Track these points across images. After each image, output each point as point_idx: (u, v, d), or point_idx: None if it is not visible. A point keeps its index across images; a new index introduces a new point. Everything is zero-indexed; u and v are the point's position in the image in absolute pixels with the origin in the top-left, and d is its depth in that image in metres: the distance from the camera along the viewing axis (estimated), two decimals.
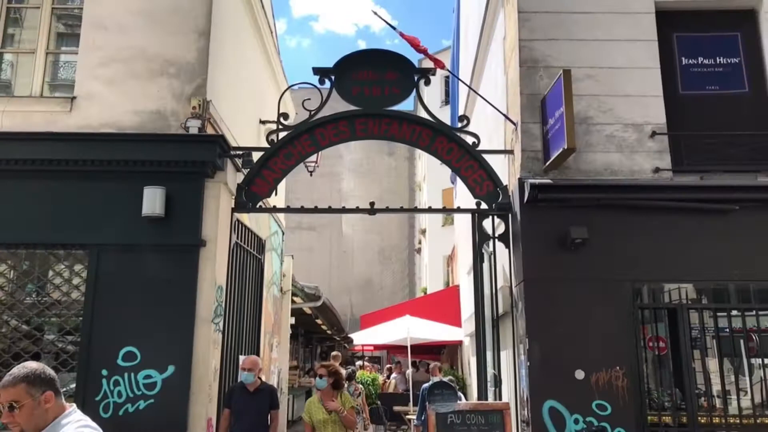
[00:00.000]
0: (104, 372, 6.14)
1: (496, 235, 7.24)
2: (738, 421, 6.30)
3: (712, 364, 6.69)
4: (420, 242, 32.36)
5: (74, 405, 2.64)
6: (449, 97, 21.01)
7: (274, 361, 10.93)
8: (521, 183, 6.67)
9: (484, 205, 7.23)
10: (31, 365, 2.51)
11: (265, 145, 7.30)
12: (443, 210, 12.99)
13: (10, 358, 6.33)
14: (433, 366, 11.20)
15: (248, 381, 6.18)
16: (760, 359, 6.57)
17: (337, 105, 7.22)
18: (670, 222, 6.52)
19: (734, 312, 6.56)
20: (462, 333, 13.98)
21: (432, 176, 26.38)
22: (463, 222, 12.65)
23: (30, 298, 6.62)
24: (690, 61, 7.10)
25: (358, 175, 35.49)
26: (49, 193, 6.53)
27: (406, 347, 13.31)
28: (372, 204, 7.48)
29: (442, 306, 15.40)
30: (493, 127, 8.68)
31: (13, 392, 2.40)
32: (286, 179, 6.86)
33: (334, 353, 19.52)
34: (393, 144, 36.47)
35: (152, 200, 6.37)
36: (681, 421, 6.31)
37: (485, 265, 7.34)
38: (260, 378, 6.40)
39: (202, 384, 6.26)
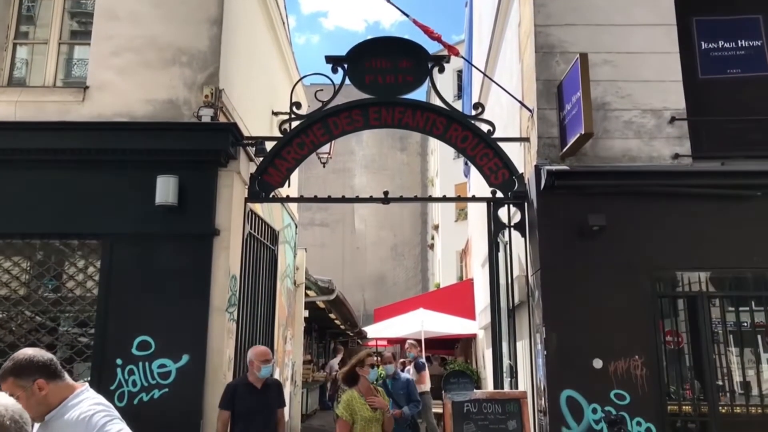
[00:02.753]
0: (119, 361, 6.13)
1: (512, 224, 7.15)
2: (759, 410, 6.18)
3: (733, 353, 6.57)
4: (433, 238, 32.28)
5: (86, 384, 2.59)
6: (462, 92, 20.89)
7: (288, 354, 10.91)
8: (537, 170, 6.57)
9: (499, 194, 7.14)
10: (19, 355, 2.44)
11: (278, 135, 7.26)
12: (458, 199, 12.91)
13: (26, 347, 6.32)
14: (409, 344, 11.06)
15: (266, 375, 5.58)
16: None
17: (351, 97, 7.16)
18: (690, 209, 6.40)
19: (756, 300, 6.43)
20: (476, 326, 13.90)
21: (445, 171, 26.28)
22: (477, 215, 12.56)
23: (44, 288, 6.62)
24: (710, 44, 6.96)
25: (370, 171, 35.45)
26: (63, 183, 6.53)
27: (420, 341, 13.25)
28: (386, 193, 7.41)
29: (456, 299, 15.32)
30: (508, 117, 8.59)
31: (4, 387, 2.35)
32: (299, 176, 6.88)
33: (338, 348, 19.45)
34: (405, 140, 36.45)
35: (165, 189, 6.34)
36: (701, 410, 6.20)
37: (500, 255, 7.25)
38: None
39: (216, 373, 6.23)
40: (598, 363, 6.10)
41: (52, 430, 2.45)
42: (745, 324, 6.49)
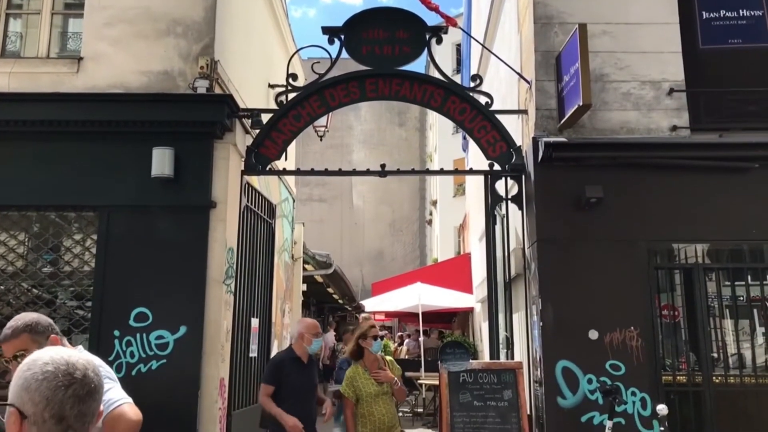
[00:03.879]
0: (116, 333, 6.16)
1: (509, 196, 7.14)
2: (753, 380, 6.24)
3: (728, 324, 6.61)
4: (431, 213, 32.30)
5: (80, 346, 2.62)
6: (460, 66, 20.72)
7: (286, 327, 10.97)
8: (535, 142, 6.54)
9: (497, 167, 7.11)
10: (29, 315, 2.49)
11: (274, 107, 7.21)
12: (455, 172, 12.89)
13: None
14: (362, 318, 11.26)
15: (316, 349, 5.22)
16: None
17: (347, 71, 7.10)
18: (688, 181, 6.39)
19: (752, 273, 6.46)
20: (473, 299, 13.97)
21: (443, 147, 26.20)
22: (475, 189, 12.55)
23: (42, 261, 6.63)
24: (711, 14, 6.88)
25: (368, 146, 35.33)
26: (58, 155, 6.50)
27: (417, 315, 13.32)
28: (383, 166, 7.39)
29: (454, 274, 15.38)
30: (507, 90, 8.53)
31: (18, 343, 2.39)
32: (296, 151, 6.84)
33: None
34: (404, 114, 36.27)
35: (161, 161, 6.31)
36: (695, 380, 6.26)
37: (498, 228, 7.26)
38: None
39: (214, 344, 6.26)
40: (593, 334, 6.14)
41: None
42: (741, 298, 6.52)
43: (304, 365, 5.16)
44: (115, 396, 2.34)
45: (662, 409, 4.53)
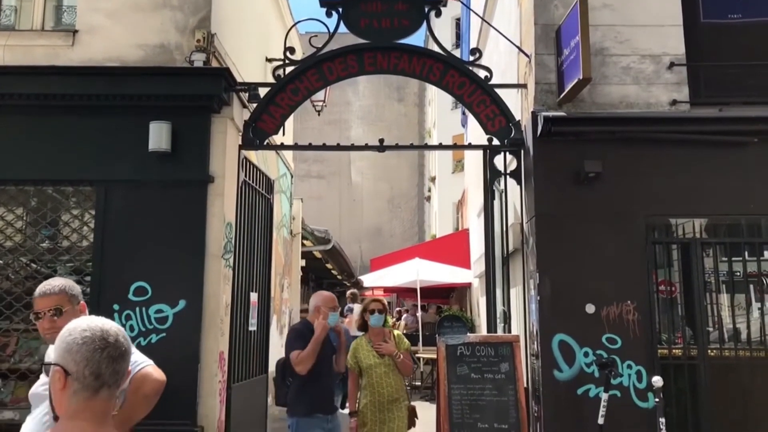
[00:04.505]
0: (116, 307, 6.17)
1: (508, 171, 7.13)
2: (748, 354, 6.30)
3: (724, 299, 6.65)
4: (430, 190, 32.28)
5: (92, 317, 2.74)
6: (459, 40, 20.55)
7: (285, 302, 11.04)
8: (534, 116, 6.51)
9: (496, 141, 7.09)
10: (62, 279, 2.71)
11: (272, 81, 7.15)
12: (454, 147, 12.87)
13: (23, 293, 6.38)
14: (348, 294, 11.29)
15: (333, 322, 5.05)
16: None
17: (345, 45, 7.04)
18: (687, 155, 6.38)
19: (749, 248, 6.48)
20: (471, 275, 14.04)
21: (442, 123, 26.09)
22: (474, 165, 12.53)
23: (40, 235, 6.63)
24: None
25: (366, 122, 35.17)
26: (55, 129, 6.46)
27: (416, 291, 13.38)
28: (381, 141, 7.37)
29: (452, 249, 15.43)
30: (506, 65, 8.47)
31: (57, 299, 2.59)
32: (294, 127, 6.81)
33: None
34: (402, 90, 36.04)
35: (158, 135, 6.28)
36: (690, 354, 6.31)
37: (496, 203, 7.26)
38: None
39: (213, 318, 6.30)
40: (590, 308, 6.18)
41: None
42: (738, 273, 6.56)
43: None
44: (140, 359, 2.56)
45: (657, 380, 4.58)
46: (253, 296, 7.68)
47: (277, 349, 8.53)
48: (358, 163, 35.61)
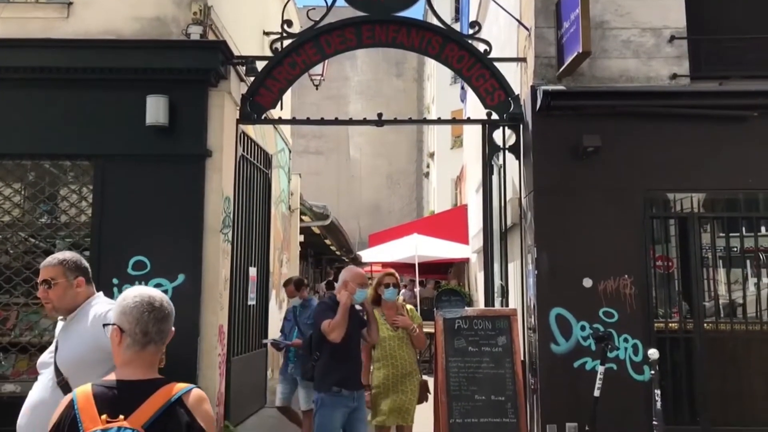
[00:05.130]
0: (115, 281, 6.19)
1: (507, 146, 7.11)
2: (744, 327, 6.35)
3: (721, 274, 6.69)
4: (428, 166, 32.20)
5: (101, 292, 2.88)
6: (459, 14, 20.33)
7: (284, 277, 11.06)
8: (534, 91, 6.47)
9: (495, 116, 7.06)
10: (66, 253, 2.83)
11: (269, 55, 7.09)
12: (453, 121, 12.83)
13: (22, 267, 6.39)
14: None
15: (362, 299, 4.84)
16: None
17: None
18: (686, 130, 6.36)
19: (747, 223, 6.50)
20: (469, 250, 14.07)
21: (441, 98, 25.92)
22: (473, 140, 12.48)
23: (39, 210, 6.63)
24: None
25: (365, 98, 34.96)
26: (51, 103, 6.42)
27: (414, 266, 13.41)
28: (380, 115, 7.34)
29: (450, 225, 15.44)
30: (506, 38, 8.38)
31: (51, 271, 2.71)
32: (292, 102, 6.75)
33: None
34: (401, 65, 35.76)
35: (156, 109, 6.25)
36: (686, 328, 6.36)
37: (495, 178, 7.26)
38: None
39: (212, 293, 6.32)
40: (587, 282, 6.21)
41: (71, 330, 2.72)
42: (735, 249, 6.59)
43: (350, 313, 4.69)
44: None
45: (653, 353, 4.63)
46: (252, 271, 7.71)
47: (276, 324, 8.59)
48: (357, 139, 35.47)
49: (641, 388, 5.98)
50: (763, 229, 6.64)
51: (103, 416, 1.76)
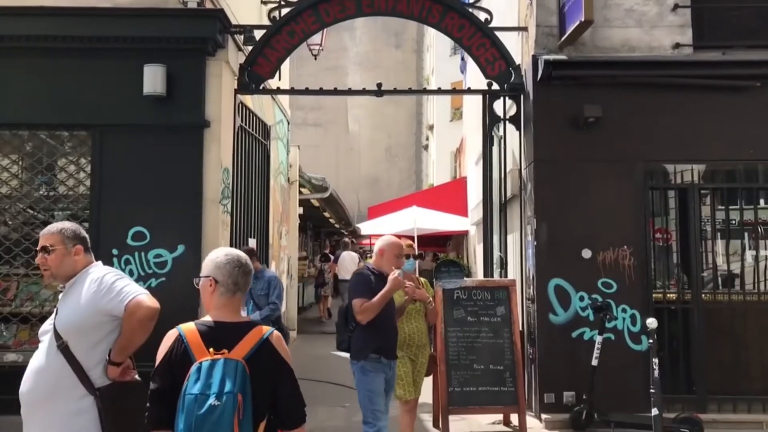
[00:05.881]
0: (115, 251, 6.19)
1: (507, 117, 7.07)
2: (741, 298, 6.38)
3: (719, 246, 6.70)
4: (427, 139, 32.06)
5: (99, 262, 2.92)
6: None
7: (283, 249, 11.09)
8: (535, 60, 6.41)
9: (495, 86, 7.00)
10: (67, 222, 2.89)
11: (267, 23, 7.00)
12: (453, 91, 12.77)
13: (21, 238, 6.39)
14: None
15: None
16: None
17: None
18: (688, 100, 6.32)
19: (746, 194, 6.49)
20: (468, 223, 14.09)
21: (440, 70, 25.68)
22: (473, 112, 12.40)
23: (37, 180, 6.60)
24: None
25: (364, 69, 34.61)
26: (47, 72, 6.34)
27: (413, 238, 13.44)
28: (379, 85, 7.29)
29: (449, 197, 15.43)
30: (507, 7, 8.27)
31: (50, 238, 2.77)
32: (290, 74, 6.68)
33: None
34: (400, 36, 35.34)
35: (153, 79, 6.18)
36: (684, 298, 6.39)
37: (495, 149, 7.23)
38: None
39: None
40: (587, 253, 6.22)
41: (70, 296, 2.76)
42: (734, 221, 6.59)
43: (384, 282, 4.45)
44: (134, 289, 2.73)
45: (651, 322, 4.66)
46: (252, 242, 7.71)
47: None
48: (355, 112, 35.23)
49: (639, 358, 6.04)
50: (762, 201, 6.64)
51: (210, 349, 2.13)
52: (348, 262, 14.86)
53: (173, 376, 2.15)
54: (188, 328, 2.24)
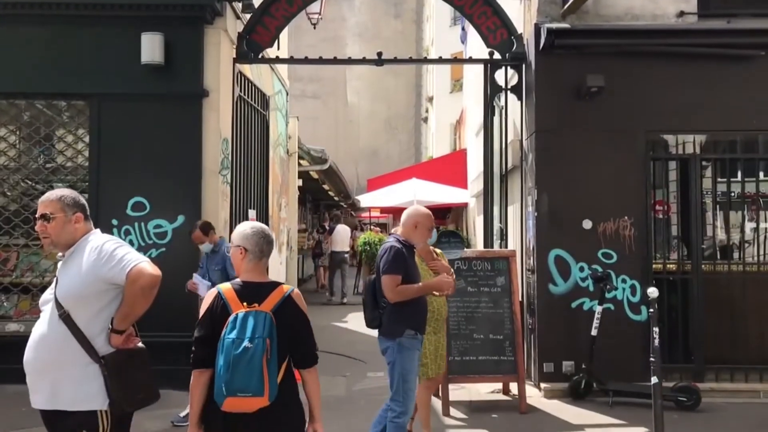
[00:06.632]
0: (114, 222, 6.18)
1: (509, 86, 7.00)
2: (741, 268, 6.39)
3: (719, 217, 6.70)
4: (427, 111, 31.85)
5: (98, 230, 2.88)
6: None
7: (283, 221, 11.08)
8: (537, 29, 6.33)
9: (497, 55, 6.93)
10: (65, 190, 2.85)
11: None
12: (454, 60, 12.66)
13: (21, 208, 6.37)
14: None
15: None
16: None
17: None
18: (691, 70, 6.26)
19: (747, 164, 6.47)
20: (468, 195, 14.07)
21: (440, 40, 25.38)
22: (474, 83, 12.30)
23: (35, 150, 6.56)
24: None
25: (363, 39, 34.22)
26: (43, 40, 6.27)
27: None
28: (379, 54, 7.21)
29: (449, 169, 15.41)
30: None
31: (50, 205, 2.73)
32: (289, 45, 6.58)
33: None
34: (400, 6, 34.91)
35: (151, 47, 6.10)
36: (684, 269, 6.41)
37: (496, 120, 7.17)
38: None
39: None
40: (587, 224, 6.22)
41: (70, 264, 2.73)
42: (734, 193, 6.58)
43: (413, 256, 4.37)
44: (135, 257, 2.69)
45: (652, 291, 4.65)
46: (251, 213, 7.69)
47: (275, 267, 8.65)
48: (354, 83, 34.94)
49: (638, 328, 6.07)
50: (761, 173, 6.62)
51: (244, 303, 2.56)
52: (342, 235, 14.85)
53: (213, 325, 2.57)
54: (225, 287, 2.66)
